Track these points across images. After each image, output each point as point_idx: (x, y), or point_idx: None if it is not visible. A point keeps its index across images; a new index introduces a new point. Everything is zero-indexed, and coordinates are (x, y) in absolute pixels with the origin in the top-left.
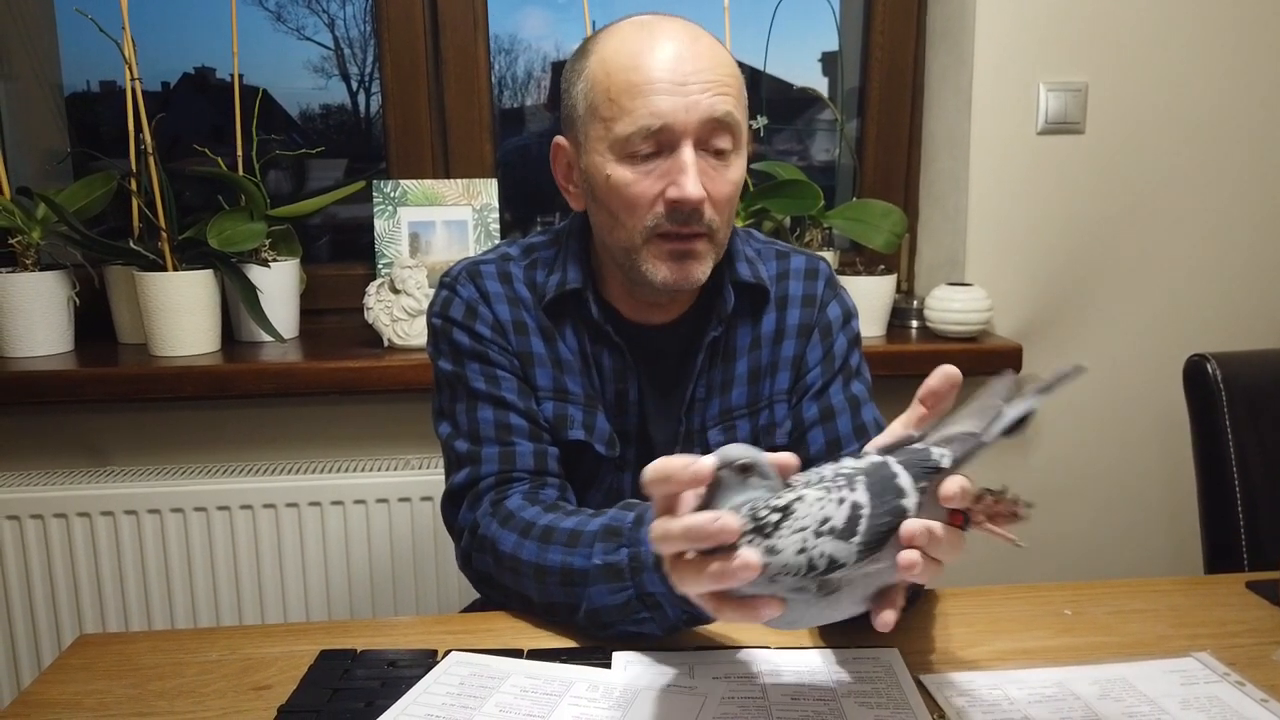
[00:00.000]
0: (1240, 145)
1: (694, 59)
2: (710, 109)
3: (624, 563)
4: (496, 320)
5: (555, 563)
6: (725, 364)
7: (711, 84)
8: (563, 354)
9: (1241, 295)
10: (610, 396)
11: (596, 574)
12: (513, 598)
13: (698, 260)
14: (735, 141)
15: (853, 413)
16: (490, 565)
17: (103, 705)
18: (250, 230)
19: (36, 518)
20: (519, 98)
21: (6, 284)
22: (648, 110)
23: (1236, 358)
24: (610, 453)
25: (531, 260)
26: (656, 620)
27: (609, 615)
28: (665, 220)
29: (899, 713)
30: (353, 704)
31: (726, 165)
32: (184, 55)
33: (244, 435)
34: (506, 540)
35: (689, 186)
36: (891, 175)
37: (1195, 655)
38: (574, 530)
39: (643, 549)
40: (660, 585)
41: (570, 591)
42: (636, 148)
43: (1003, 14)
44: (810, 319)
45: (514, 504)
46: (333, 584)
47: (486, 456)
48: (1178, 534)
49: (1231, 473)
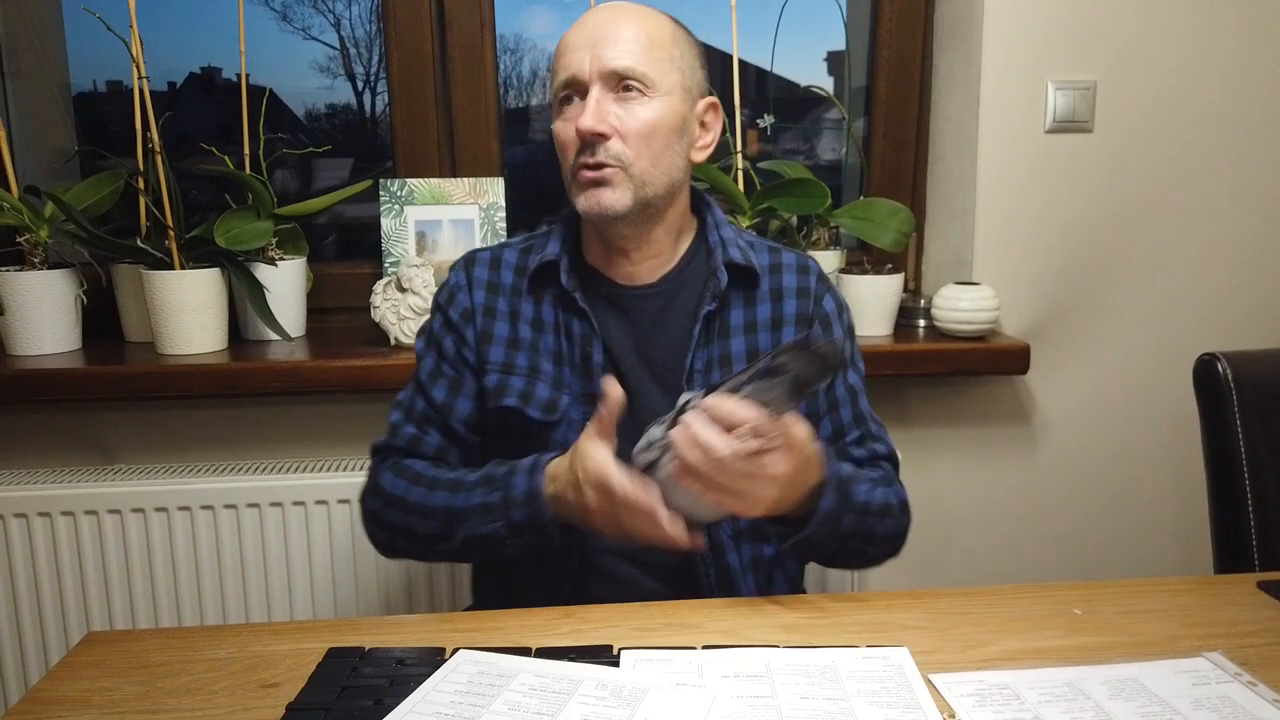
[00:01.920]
0: (1249, 143)
1: (603, 25)
2: (608, 60)
3: (498, 502)
4: (471, 305)
5: (439, 503)
6: (721, 340)
7: (617, 43)
8: (522, 333)
9: (1251, 294)
10: (577, 359)
11: (474, 511)
12: (395, 532)
13: (609, 187)
14: (644, 88)
15: (852, 403)
16: (379, 506)
17: (111, 703)
18: (257, 229)
19: (44, 516)
20: (524, 97)
21: (14, 282)
22: (564, 67)
23: (1247, 357)
24: (547, 417)
25: (528, 245)
26: (513, 545)
27: (480, 542)
28: (580, 155)
29: (909, 712)
30: (361, 702)
31: (637, 104)
32: (190, 55)
33: (251, 433)
34: (396, 486)
35: (584, 119)
36: (899, 174)
37: (1207, 655)
38: (455, 480)
39: (513, 492)
40: (522, 515)
41: (449, 527)
42: (561, 96)
43: (1011, 12)
44: (807, 309)
45: (409, 462)
46: (339, 582)
47: (405, 434)
48: (1187, 534)
49: (1242, 472)
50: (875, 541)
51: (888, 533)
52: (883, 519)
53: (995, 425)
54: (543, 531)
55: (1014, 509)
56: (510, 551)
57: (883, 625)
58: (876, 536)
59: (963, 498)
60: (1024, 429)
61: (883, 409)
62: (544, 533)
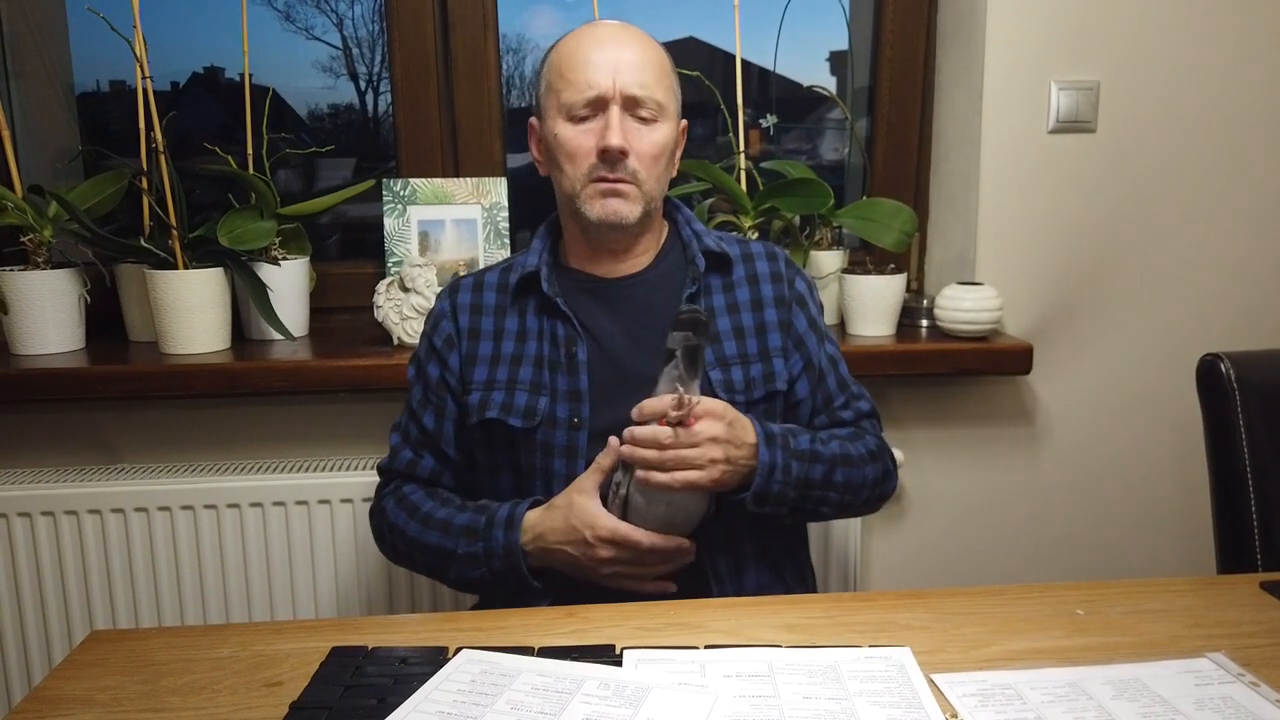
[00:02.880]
0: (1253, 143)
1: (622, 47)
2: (627, 86)
3: (480, 553)
4: (454, 331)
5: (433, 542)
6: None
7: (638, 69)
8: (505, 349)
9: (1256, 294)
10: (562, 359)
11: (460, 558)
12: (400, 556)
13: (623, 199)
14: (657, 114)
15: (835, 371)
16: (385, 530)
17: (115, 701)
18: (260, 228)
19: (47, 515)
20: (526, 97)
21: (18, 282)
22: (585, 81)
23: (1251, 357)
24: (527, 423)
25: (508, 265)
26: (501, 587)
27: (468, 584)
28: (598, 168)
29: (911, 712)
30: (364, 701)
31: (649, 129)
32: (192, 55)
33: (254, 433)
34: (398, 517)
35: (613, 137)
36: (901, 174)
37: (1210, 656)
38: (445, 521)
39: (492, 544)
40: (500, 564)
41: (442, 565)
42: (577, 111)
43: (1014, 12)
44: (783, 292)
45: (408, 489)
46: (343, 581)
47: (403, 457)
48: (1190, 534)
49: (1245, 473)
50: (843, 489)
51: (853, 480)
52: (843, 466)
53: (998, 425)
54: (523, 580)
55: (1016, 509)
56: (497, 592)
57: (885, 625)
58: (842, 483)
59: (965, 498)
60: (1027, 429)
61: (886, 409)
62: (524, 581)
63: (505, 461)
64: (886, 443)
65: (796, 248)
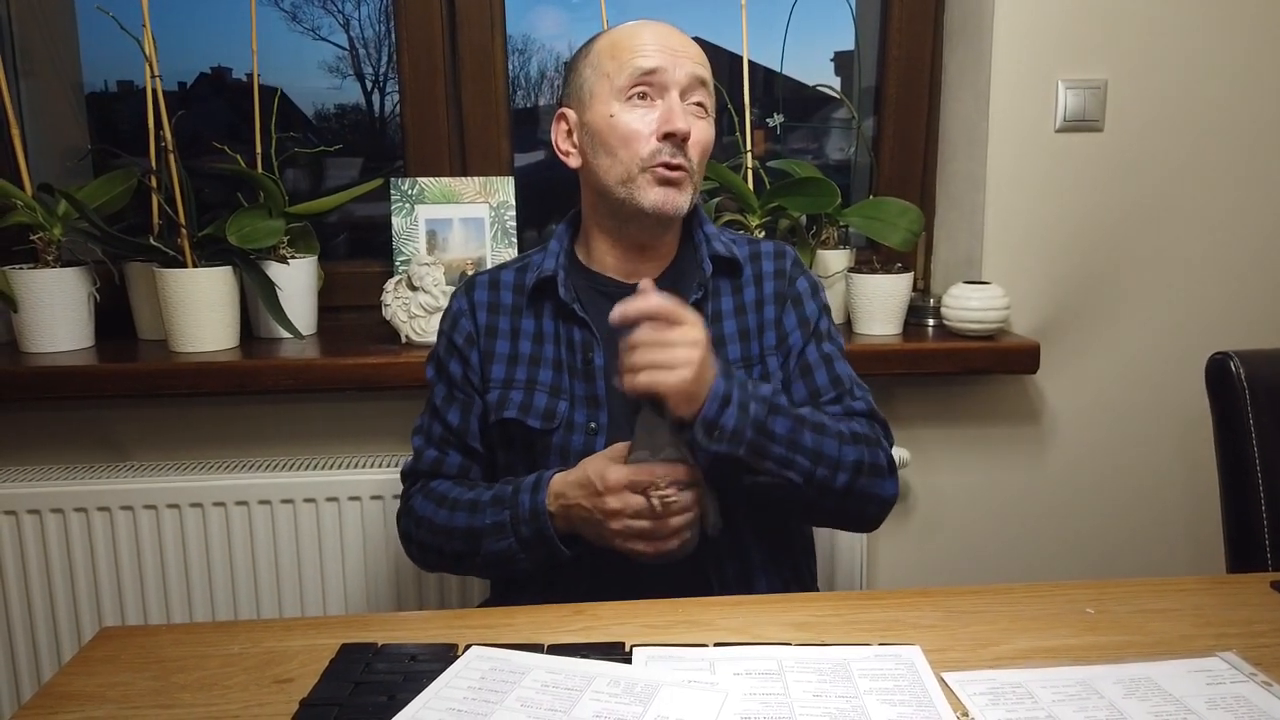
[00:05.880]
0: (1261, 142)
1: (674, 36)
2: (690, 69)
3: (506, 521)
4: (474, 329)
5: (460, 524)
6: (714, 324)
7: (691, 55)
8: (522, 348)
9: (1264, 292)
10: (579, 365)
11: (488, 529)
12: (428, 550)
13: (679, 189)
14: (707, 106)
15: (827, 368)
16: (412, 528)
17: (126, 697)
18: (269, 227)
19: (57, 512)
20: (532, 97)
21: (28, 280)
22: (643, 59)
23: (1260, 356)
24: (546, 425)
25: (523, 264)
26: (526, 560)
27: (496, 558)
28: (660, 153)
29: (922, 710)
30: (374, 697)
31: (699, 121)
32: (200, 55)
33: (263, 431)
34: (425, 509)
35: (679, 121)
36: (908, 173)
37: (1221, 655)
38: (472, 500)
39: (519, 509)
40: (528, 531)
41: (471, 546)
42: (634, 89)
43: (1021, 11)
44: (783, 289)
45: (436, 484)
46: (351, 578)
47: (428, 457)
48: (1199, 533)
49: (1255, 472)
50: (813, 456)
51: (826, 451)
52: (814, 432)
53: (1005, 425)
54: (550, 544)
55: (1024, 508)
56: (525, 566)
57: (894, 623)
58: (811, 449)
59: (973, 497)
60: (1034, 428)
61: (892, 408)
62: (551, 545)
63: (523, 463)
64: (886, 444)
65: (803, 247)
